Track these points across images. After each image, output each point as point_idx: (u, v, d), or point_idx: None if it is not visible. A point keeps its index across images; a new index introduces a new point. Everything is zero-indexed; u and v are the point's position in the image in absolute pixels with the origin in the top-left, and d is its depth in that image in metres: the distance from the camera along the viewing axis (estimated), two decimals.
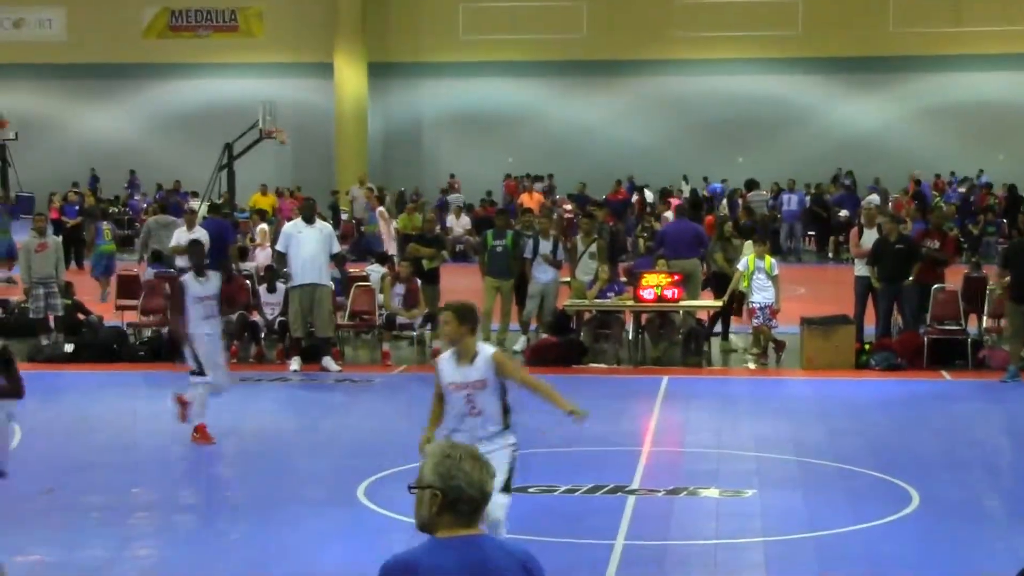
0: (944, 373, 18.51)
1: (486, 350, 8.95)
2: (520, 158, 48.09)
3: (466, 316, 8.91)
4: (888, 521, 11.03)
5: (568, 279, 21.31)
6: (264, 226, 26.53)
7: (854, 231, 20.80)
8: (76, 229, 32.81)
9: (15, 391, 9.43)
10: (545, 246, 20.66)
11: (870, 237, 20.13)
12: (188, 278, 14.34)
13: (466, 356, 8.80)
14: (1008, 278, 18.21)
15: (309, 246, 18.57)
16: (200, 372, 14.04)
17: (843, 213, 36.03)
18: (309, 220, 18.82)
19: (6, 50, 49.27)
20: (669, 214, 25.76)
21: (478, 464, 4.30)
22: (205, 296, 14.17)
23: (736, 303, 20.37)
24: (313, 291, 18.58)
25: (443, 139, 49.89)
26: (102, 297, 25.72)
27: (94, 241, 27.99)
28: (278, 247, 19.11)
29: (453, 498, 4.25)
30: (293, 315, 18.76)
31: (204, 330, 14.12)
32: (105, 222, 29.02)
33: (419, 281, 20.34)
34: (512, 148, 48.79)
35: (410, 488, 4.32)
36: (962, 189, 41.80)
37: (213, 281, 14.34)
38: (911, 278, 19.47)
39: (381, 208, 33.35)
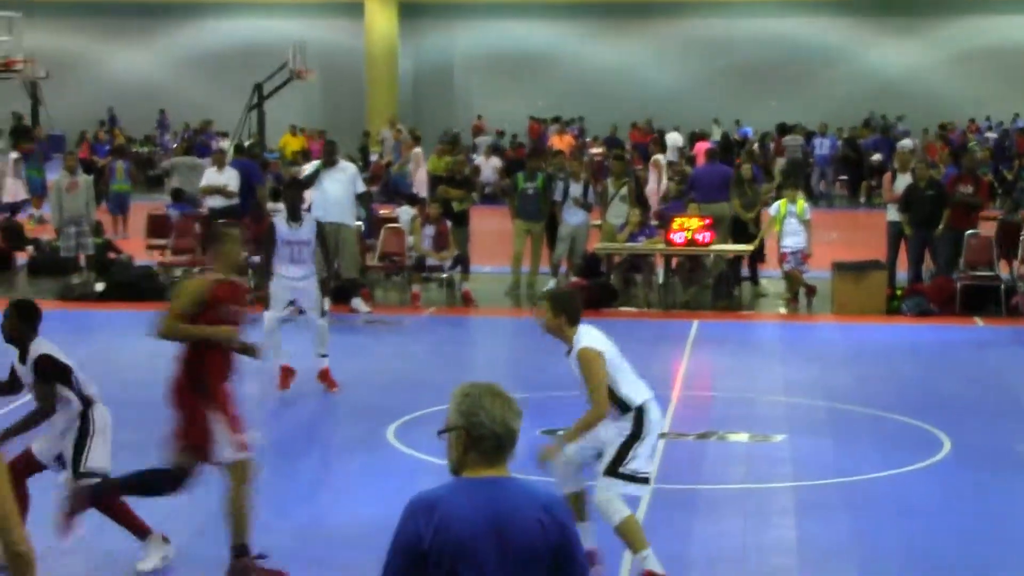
0: (977, 319, 18.40)
1: (578, 343, 8.37)
2: (551, 100, 47.88)
3: (561, 305, 8.42)
4: (919, 468, 11.00)
5: (598, 222, 21.23)
6: (294, 169, 26.41)
7: (887, 176, 20.62)
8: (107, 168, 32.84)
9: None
10: (575, 189, 20.57)
11: (903, 182, 19.97)
12: (279, 220, 14.11)
13: (567, 347, 8.36)
14: None
15: (332, 186, 18.48)
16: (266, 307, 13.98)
17: (876, 157, 35.77)
18: (330, 163, 18.69)
19: None
20: (660, 157, 25.47)
21: (499, 400, 4.27)
22: (294, 240, 13.90)
23: (760, 247, 20.33)
24: (337, 231, 18.52)
25: (474, 81, 49.71)
26: (115, 234, 25.87)
27: (108, 179, 28.13)
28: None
29: (476, 435, 4.23)
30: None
31: (291, 273, 13.91)
32: (120, 161, 29.02)
33: (449, 223, 20.29)
34: (543, 90, 48.58)
35: (439, 434, 4.31)
36: (993, 135, 41.44)
37: (306, 227, 14.00)
38: (942, 224, 19.33)
39: (417, 150, 33.22)
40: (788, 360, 15.91)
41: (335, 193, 18.45)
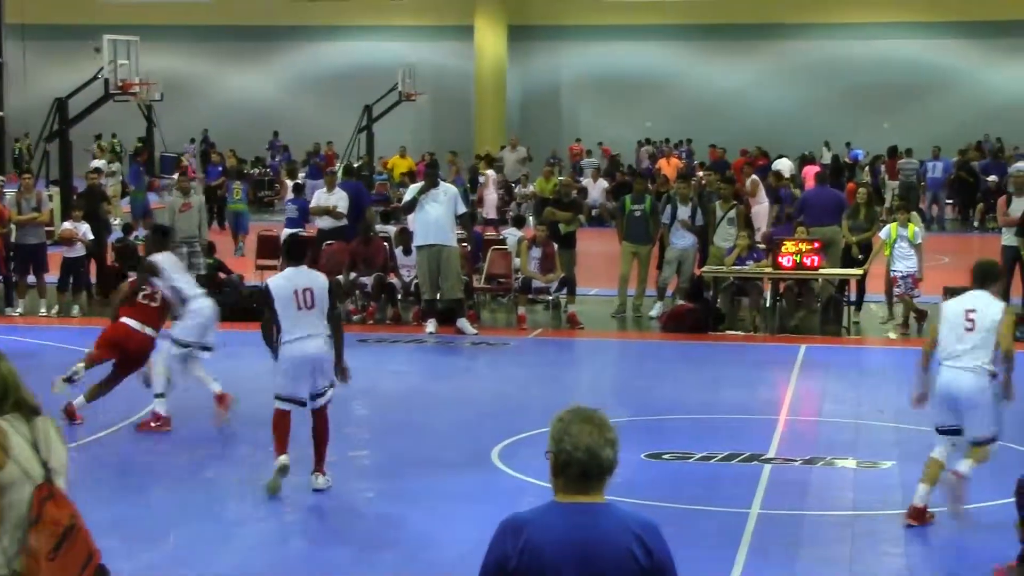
0: None
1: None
2: (658, 123, 47.81)
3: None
4: None
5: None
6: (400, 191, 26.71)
7: (1002, 199, 20.30)
8: (218, 189, 33.39)
9: None
10: (683, 211, 20.52)
11: (1019, 205, 19.65)
12: None
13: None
14: None
15: (433, 208, 18.65)
16: None
17: (991, 178, 35.16)
18: (432, 184, 18.87)
19: (154, 12, 50.17)
20: (755, 177, 24.89)
21: (588, 427, 4.26)
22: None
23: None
24: (440, 252, 18.65)
25: (581, 103, 49.78)
26: (234, 251, 26.50)
27: (225, 199, 29.02)
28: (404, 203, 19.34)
29: (562, 461, 4.24)
30: (422, 277, 18.88)
31: None
32: (237, 182, 29.66)
33: (556, 245, 20.32)
34: (650, 113, 48.52)
35: (546, 454, 4.33)
36: None
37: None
38: None
39: (490, 171, 33.53)
40: (898, 385, 15.68)
41: (436, 214, 18.60)
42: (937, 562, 9.31)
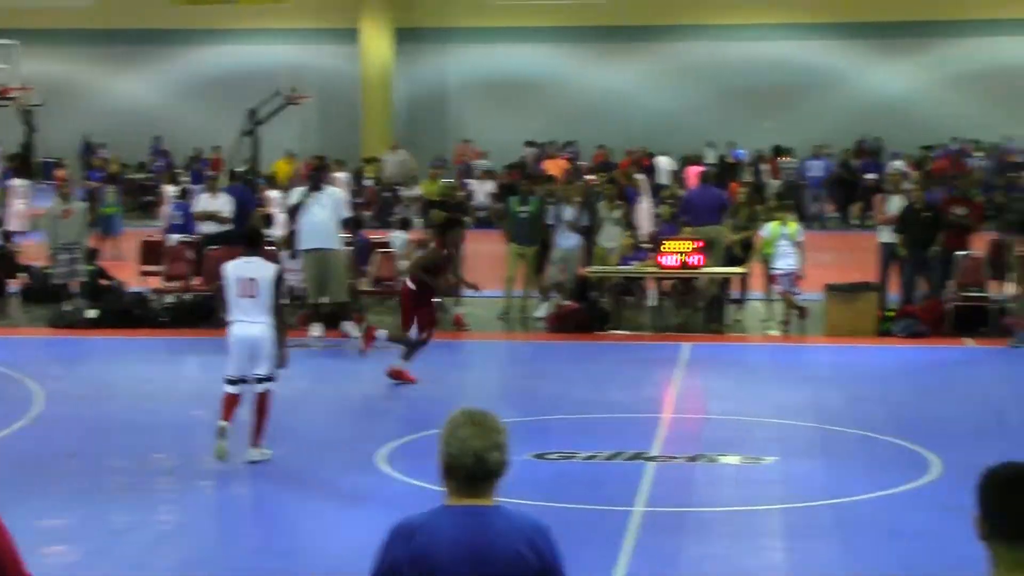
0: (967, 340, 18.39)
1: None
2: (545, 124, 47.92)
3: None
4: (909, 489, 10.98)
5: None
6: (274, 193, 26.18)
7: (879, 197, 20.64)
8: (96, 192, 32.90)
9: None
10: (568, 213, 20.59)
11: (895, 203, 20.00)
12: None
13: None
14: None
15: (318, 211, 18.53)
16: None
17: (870, 176, 35.71)
18: (316, 188, 18.73)
19: (33, 16, 49.27)
20: (640, 176, 24.91)
21: (476, 430, 4.21)
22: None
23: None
24: (325, 256, 18.53)
25: (468, 105, 49.75)
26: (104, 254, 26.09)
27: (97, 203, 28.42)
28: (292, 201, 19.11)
29: (449, 464, 4.21)
30: (308, 281, 18.75)
31: None
32: (111, 186, 29.31)
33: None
34: (538, 114, 48.62)
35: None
36: (980, 154, 41.44)
37: None
38: (937, 246, 19.32)
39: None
40: (779, 382, 15.91)
41: (321, 218, 18.48)
42: (819, 557, 9.41)
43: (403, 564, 4.14)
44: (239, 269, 11.85)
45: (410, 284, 15.63)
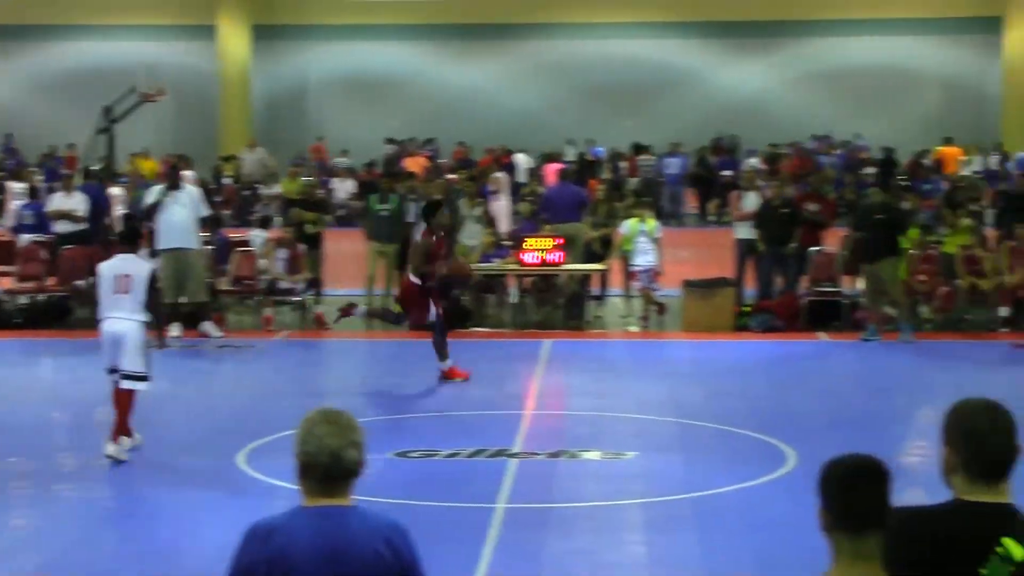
0: (821, 334, 18.76)
1: None
2: (405, 122, 47.83)
3: None
4: (766, 481, 11.16)
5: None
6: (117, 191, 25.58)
7: (734, 194, 20.95)
8: None
9: None
10: None
11: (750, 200, 20.33)
12: None
13: None
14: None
15: (177, 210, 18.32)
16: None
17: (726, 173, 36.16)
18: (174, 187, 18.54)
19: None
20: (500, 175, 24.80)
21: (332, 428, 4.21)
22: None
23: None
24: (183, 255, 18.33)
25: (328, 103, 49.46)
26: None
27: None
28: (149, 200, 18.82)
29: (305, 463, 4.19)
30: (166, 280, 18.51)
31: None
32: None
33: (302, 246, 20.16)
34: (398, 112, 48.51)
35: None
36: (837, 152, 42.28)
37: None
38: (795, 242, 19.65)
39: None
40: (639, 378, 16.07)
41: (179, 217, 18.27)
42: (680, 549, 9.53)
43: (259, 565, 4.11)
44: (115, 267, 11.93)
45: (414, 279, 15.45)
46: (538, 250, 19.26)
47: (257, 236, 21.60)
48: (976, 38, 46.06)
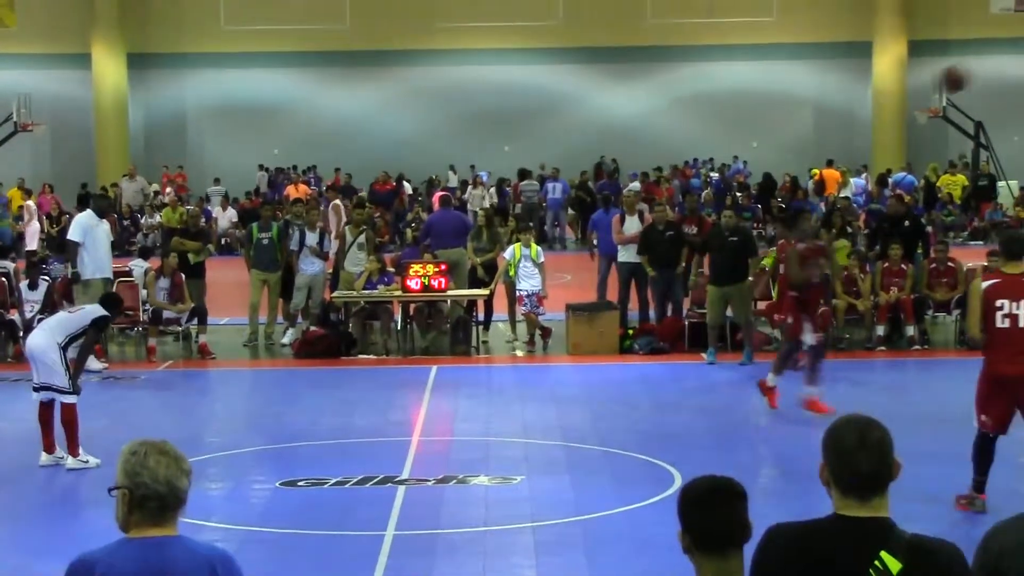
0: (704, 355, 18.94)
1: None
2: (285, 149, 47.59)
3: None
4: (652, 502, 11.25)
5: (331, 270, 21.21)
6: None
7: (616, 218, 21.04)
8: None
9: None
10: (311, 238, 20.53)
11: (632, 224, 20.47)
12: None
13: None
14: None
15: (106, 240, 18.38)
16: None
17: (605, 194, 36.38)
18: (102, 214, 18.69)
19: None
20: (337, 202, 24.82)
21: (165, 459, 4.24)
22: None
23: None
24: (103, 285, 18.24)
25: (207, 131, 49.07)
26: None
27: None
28: (74, 236, 18.54)
29: (140, 495, 4.19)
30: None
31: None
32: None
33: (184, 275, 19.97)
34: (277, 139, 48.25)
35: (110, 491, 4.26)
36: (714, 174, 42.87)
37: None
38: (683, 264, 19.82)
39: (30, 202, 33.00)
40: (526, 402, 16.11)
41: (108, 247, 18.52)
42: (569, 572, 9.57)
43: None
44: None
45: (791, 292, 15.21)
46: (422, 276, 19.27)
47: (138, 266, 21.38)
48: (847, 62, 46.98)
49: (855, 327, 20.10)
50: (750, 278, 18.86)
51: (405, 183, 38.92)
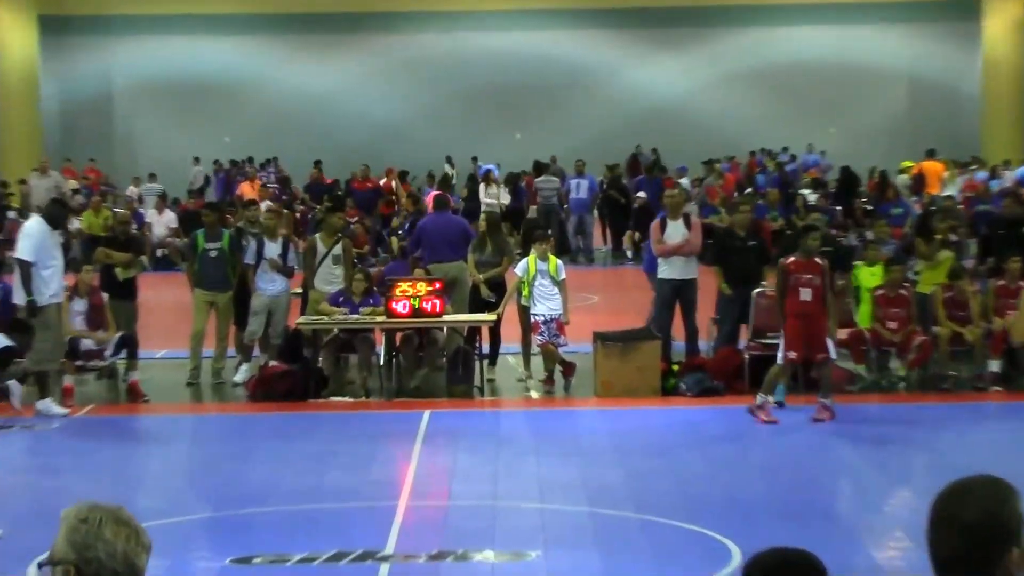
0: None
1: None
2: (239, 138, 47.69)
3: None
4: None
5: (298, 291, 21.19)
6: None
7: (655, 224, 20.98)
8: None
9: None
10: (272, 248, 20.51)
11: (675, 230, 20.35)
12: None
13: None
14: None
15: (61, 257, 18.40)
16: None
17: (641, 195, 36.13)
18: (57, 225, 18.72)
19: None
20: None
21: (125, 531, 4.25)
22: None
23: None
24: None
25: (140, 115, 49.20)
26: None
27: None
28: (25, 254, 18.35)
29: (90, 573, 4.19)
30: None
31: None
32: None
33: (107, 295, 19.96)
34: (229, 126, 48.37)
35: (40, 566, 4.25)
36: (788, 166, 42.80)
37: None
38: (764, 281, 19.74)
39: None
40: (543, 456, 16.06)
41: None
42: None
43: None
44: None
45: None
46: (411, 297, 19.22)
47: None
48: (950, 26, 46.98)
49: (962, 362, 20.00)
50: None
51: (392, 180, 38.80)
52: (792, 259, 17.45)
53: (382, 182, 37.54)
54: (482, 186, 38.38)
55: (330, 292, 20.17)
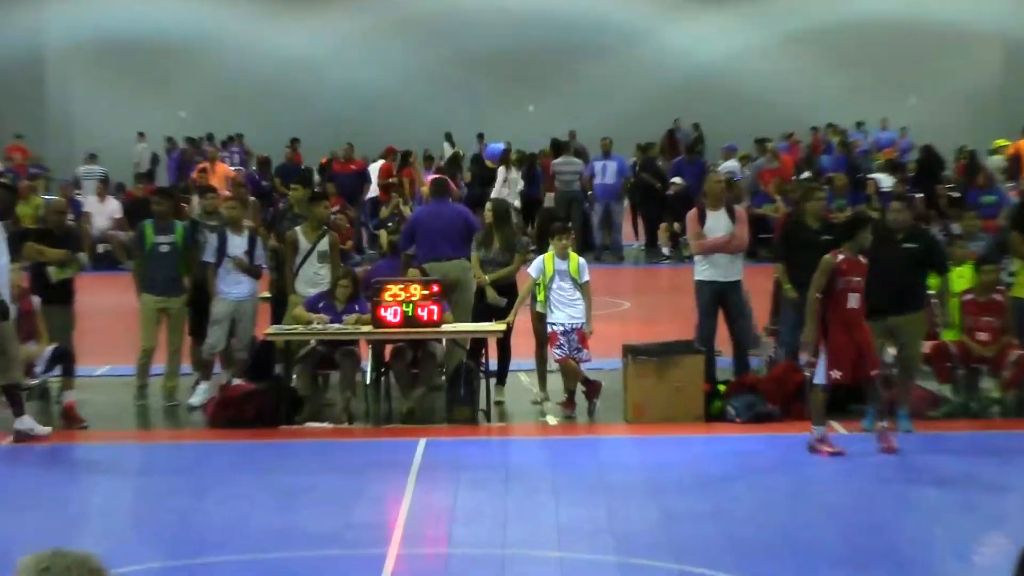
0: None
1: None
2: (197, 110, 47.79)
3: None
4: None
5: (267, 295, 21.21)
6: None
7: (692, 214, 20.93)
8: None
9: None
10: (237, 244, 20.51)
11: (717, 222, 20.33)
12: None
13: None
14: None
15: (6, 250, 18.41)
16: None
17: (676, 180, 36.07)
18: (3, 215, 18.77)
19: None
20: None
21: None
22: None
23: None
24: None
25: (78, 83, 49.31)
26: None
27: None
28: None
29: None
30: None
31: None
32: None
33: (37, 299, 19.99)
34: (185, 97, 48.47)
35: None
36: (859, 147, 42.83)
37: None
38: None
39: None
40: (561, 495, 16.08)
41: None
42: None
43: None
44: None
45: None
46: (403, 302, 19.22)
47: None
48: None
49: None
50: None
51: (375, 165, 38.77)
52: (842, 257, 17.37)
53: (379, 164, 37.41)
54: (501, 169, 37.94)
55: (311, 296, 20.13)
